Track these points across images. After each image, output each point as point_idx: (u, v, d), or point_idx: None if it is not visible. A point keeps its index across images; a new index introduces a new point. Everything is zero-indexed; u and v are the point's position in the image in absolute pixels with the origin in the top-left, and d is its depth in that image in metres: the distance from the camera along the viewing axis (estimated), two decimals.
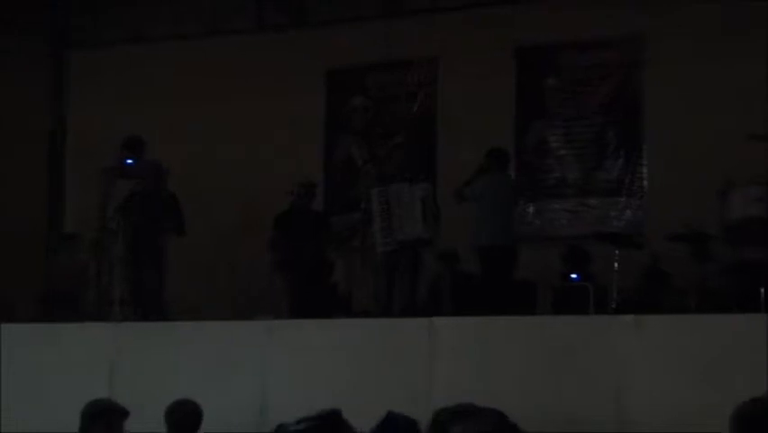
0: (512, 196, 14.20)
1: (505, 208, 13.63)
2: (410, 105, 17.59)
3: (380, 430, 4.30)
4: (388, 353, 9.81)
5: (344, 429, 4.46)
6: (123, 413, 8.62)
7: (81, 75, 18.96)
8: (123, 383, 9.23)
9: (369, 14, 17.25)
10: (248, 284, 13.88)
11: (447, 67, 17.06)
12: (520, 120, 16.81)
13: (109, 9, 18.48)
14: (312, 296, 13.28)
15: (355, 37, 17.19)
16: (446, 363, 9.29)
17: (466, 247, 13.59)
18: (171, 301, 13.28)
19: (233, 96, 17.09)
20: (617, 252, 13.09)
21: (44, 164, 18.83)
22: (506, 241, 13.36)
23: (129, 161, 13.88)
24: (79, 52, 19.04)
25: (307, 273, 13.67)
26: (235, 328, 10.79)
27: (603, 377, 8.78)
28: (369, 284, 14.26)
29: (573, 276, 13.65)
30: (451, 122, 16.85)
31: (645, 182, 16.09)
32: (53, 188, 18.89)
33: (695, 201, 12.94)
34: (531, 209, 15.93)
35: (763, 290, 10.85)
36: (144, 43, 18.25)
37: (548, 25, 16.25)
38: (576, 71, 16.73)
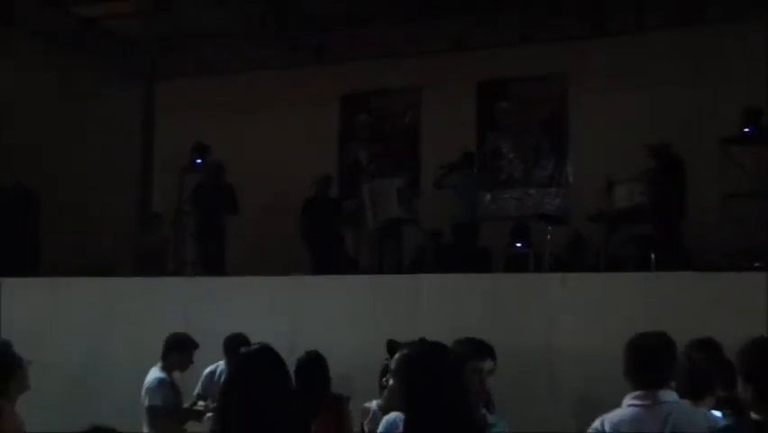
0: (475, 187, 14.30)
1: (470, 196, 13.77)
2: (401, 121, 17.62)
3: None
4: (386, 300, 9.82)
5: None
6: (195, 345, 8.74)
7: (164, 100, 18.93)
8: (193, 324, 9.26)
9: (370, 54, 17.18)
10: (282, 250, 13.86)
11: (428, 94, 17.08)
12: (480, 132, 16.87)
13: (184, 51, 18.41)
14: (329, 258, 13.30)
15: (361, 71, 17.16)
16: (428, 307, 9.32)
17: (447, 225, 13.68)
18: (228, 262, 13.32)
19: (272, 114, 17.09)
20: (549, 227, 13.20)
21: (138, 165, 18.80)
22: (471, 219, 13.50)
23: (198, 162, 13.94)
24: (162, 84, 18.98)
25: (325, 242, 13.71)
26: (274, 282, 10.75)
27: (538, 318, 8.84)
28: (369, 251, 14.39)
29: (518, 245, 13.70)
30: (431, 133, 16.88)
31: (570, 178, 16.18)
32: (144, 182, 18.88)
33: (604, 192, 12.96)
34: (488, 197, 15.97)
35: (653, 255, 10.88)
36: (209, 76, 18.20)
37: (501, 65, 16.30)
38: (521, 97, 16.85)
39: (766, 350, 4.07)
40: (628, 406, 4.42)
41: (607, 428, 4.29)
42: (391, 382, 4.05)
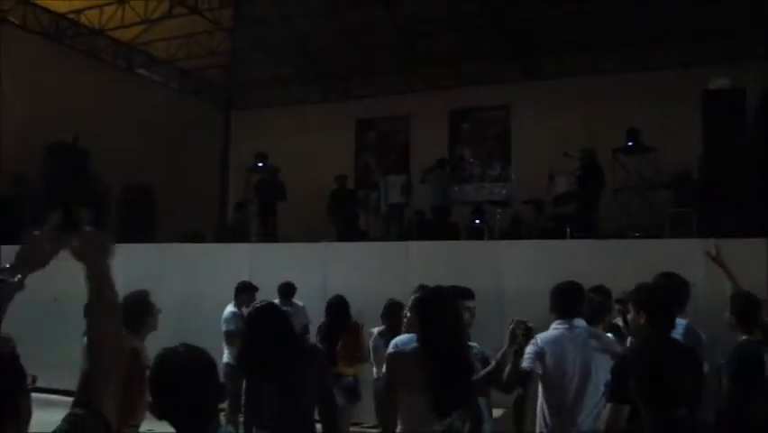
0: (448, 181, 14.23)
1: (445, 187, 13.69)
2: (397, 138, 17.57)
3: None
4: (386, 260, 9.76)
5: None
6: (256, 288, 8.62)
7: (237, 124, 18.95)
8: (255, 276, 9.18)
9: (376, 93, 17.21)
10: (316, 225, 13.81)
11: (416, 119, 17.07)
12: (450, 144, 16.85)
13: (251, 91, 18.43)
14: (347, 231, 13.26)
15: (370, 104, 17.15)
16: (414, 265, 9.24)
17: (427, 207, 13.62)
18: (280, 234, 13.26)
19: (310, 133, 17.02)
20: (498, 209, 13.10)
21: (218, 168, 18.83)
22: (445, 204, 13.42)
23: (259, 165, 13.81)
24: (235, 113, 19.00)
25: (346, 219, 13.66)
26: (309, 247, 10.69)
27: (490, 271, 8.76)
28: (376, 226, 14.36)
29: (477, 221, 13.61)
30: (417, 146, 16.84)
31: (512, 175, 16.11)
32: (223, 177, 18.89)
33: (535, 185, 12.89)
34: (456, 188, 15.82)
35: (568, 228, 10.80)
36: (268, 108, 18.24)
37: (464, 99, 16.28)
38: (478, 121, 16.77)
39: (653, 289, 4.13)
40: (554, 329, 4.40)
41: (539, 343, 4.25)
42: (408, 314, 3.98)
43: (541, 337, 4.30)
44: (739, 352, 4.62)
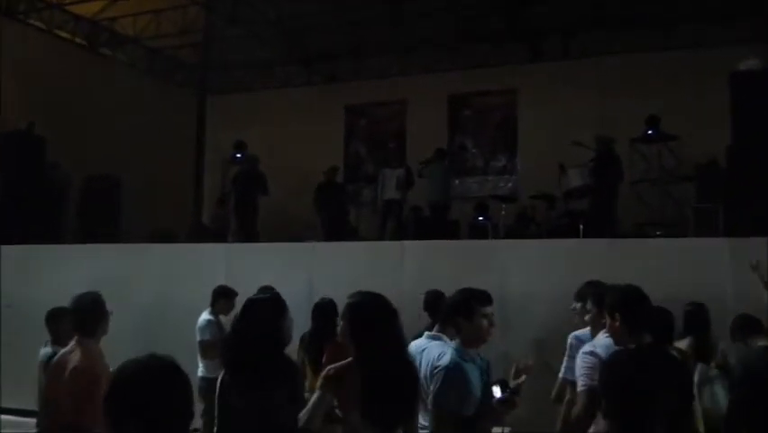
0: (449, 175, 14.21)
1: (444, 181, 13.67)
2: (390, 125, 17.58)
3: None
4: (378, 261, 9.73)
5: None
6: (235, 293, 8.59)
7: (213, 109, 18.93)
8: (233, 279, 9.16)
9: (368, 76, 17.19)
10: (301, 222, 13.79)
11: (412, 105, 17.08)
12: (450, 133, 16.86)
13: (228, 73, 18.39)
14: (337, 228, 13.23)
15: (360, 88, 17.14)
16: (409, 266, 9.25)
17: (426, 203, 13.64)
18: (260, 232, 13.22)
19: (294, 120, 17.04)
20: (503, 205, 13.09)
21: (193, 159, 18.78)
22: (443, 200, 13.41)
23: (237, 156, 13.79)
24: (212, 97, 18.98)
25: (334, 216, 13.64)
26: (293, 247, 10.68)
27: (495, 273, 8.74)
28: (368, 223, 14.37)
29: (480, 218, 13.59)
30: (413, 134, 16.85)
31: (518, 167, 16.13)
32: (197, 169, 18.84)
33: (544, 178, 12.89)
34: (456, 182, 15.81)
35: (581, 226, 10.80)
36: (247, 91, 18.22)
37: (465, 83, 16.29)
38: (480, 107, 16.77)
39: (629, 293, 4.08)
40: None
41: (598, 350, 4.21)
42: (341, 322, 3.84)
43: (599, 344, 4.27)
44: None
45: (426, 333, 5.26)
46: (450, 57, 16.59)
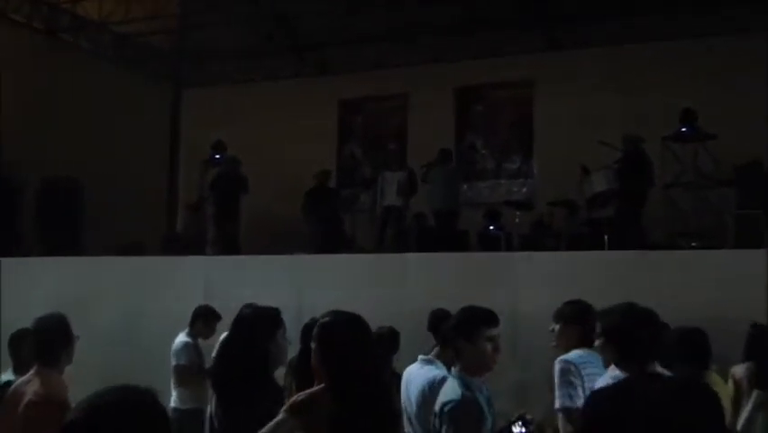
0: (456, 179, 14.24)
1: (450, 186, 13.69)
2: (390, 122, 17.60)
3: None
4: (377, 276, 9.74)
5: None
6: (218, 316, 8.62)
7: (188, 104, 18.96)
8: (212, 297, 9.18)
9: (364, 65, 17.20)
10: (288, 232, 13.79)
11: (413, 99, 17.09)
12: (458, 131, 16.89)
13: (206, 63, 18.40)
14: (329, 239, 13.25)
15: (355, 80, 17.16)
16: (412, 282, 9.24)
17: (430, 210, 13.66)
18: (242, 243, 13.25)
19: (280, 117, 17.06)
20: (517, 213, 13.13)
21: (166, 160, 18.78)
22: (449, 207, 13.43)
23: (216, 156, 13.85)
24: (187, 90, 19.00)
25: (326, 226, 13.65)
26: (280, 260, 10.69)
27: (508, 290, 8.75)
28: (365, 232, 14.39)
29: (491, 228, 13.61)
30: (416, 132, 16.86)
31: (534, 170, 16.15)
32: (172, 173, 18.83)
33: (564, 182, 12.91)
34: (465, 186, 15.79)
35: (605, 236, 10.81)
36: (227, 84, 18.22)
37: (475, 75, 16.29)
38: (492, 102, 16.80)
39: (627, 313, 4.05)
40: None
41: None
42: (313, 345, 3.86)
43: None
44: None
45: (420, 357, 5.27)
46: (457, 44, 16.57)
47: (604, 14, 15.37)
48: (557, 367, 4.83)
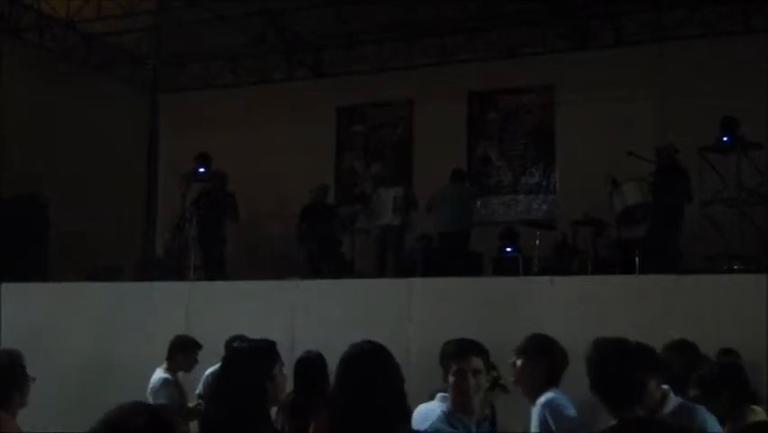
0: (468, 198, 14.27)
1: (461, 206, 13.72)
2: (394, 131, 17.61)
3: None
4: (379, 303, 9.76)
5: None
6: (198, 346, 8.68)
7: (168, 112, 18.96)
8: (195, 327, 9.19)
9: (364, 68, 17.21)
10: (281, 255, 13.82)
11: (419, 105, 17.12)
12: (471, 141, 16.89)
13: (187, 65, 18.44)
14: (325, 262, 13.27)
15: (355, 85, 17.19)
16: (418, 310, 9.26)
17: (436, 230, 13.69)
18: (229, 266, 13.27)
19: (271, 126, 17.08)
20: (537, 232, 13.15)
21: (143, 174, 18.77)
22: (458, 228, 13.45)
23: (200, 170, 13.87)
24: (166, 96, 19.01)
25: (322, 247, 13.67)
26: (271, 286, 10.73)
27: (527, 319, 8.73)
28: (365, 254, 14.39)
29: (508, 249, 13.64)
30: (423, 143, 16.90)
31: (556, 184, 16.15)
32: (150, 189, 18.82)
33: (590, 198, 12.92)
34: (478, 203, 15.81)
35: (637, 258, 10.81)
36: (212, 89, 18.23)
37: (489, 78, 16.32)
38: (509, 108, 16.81)
39: (615, 359, 3.99)
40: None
41: None
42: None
43: None
44: None
45: (440, 394, 5.29)
46: (469, 44, 16.61)
47: (636, 8, 15.36)
48: (546, 411, 4.83)
